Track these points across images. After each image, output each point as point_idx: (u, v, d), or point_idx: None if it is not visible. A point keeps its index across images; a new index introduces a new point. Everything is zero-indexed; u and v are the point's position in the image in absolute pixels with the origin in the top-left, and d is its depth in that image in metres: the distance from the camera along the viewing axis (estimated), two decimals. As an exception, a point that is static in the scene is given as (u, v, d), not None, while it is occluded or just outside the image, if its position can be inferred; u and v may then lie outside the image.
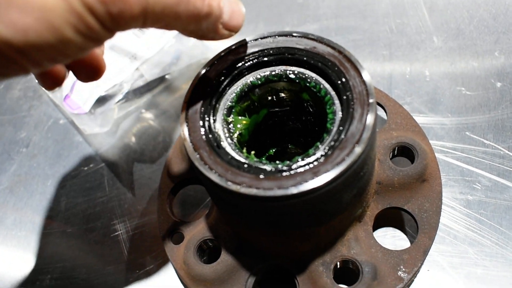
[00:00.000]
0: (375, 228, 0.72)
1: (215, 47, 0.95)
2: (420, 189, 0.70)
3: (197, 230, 0.70)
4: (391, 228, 0.75)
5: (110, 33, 0.44)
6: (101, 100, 0.87)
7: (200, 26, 0.50)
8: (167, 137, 0.88)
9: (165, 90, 0.92)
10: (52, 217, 0.83)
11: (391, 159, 0.72)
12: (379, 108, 0.79)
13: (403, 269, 0.65)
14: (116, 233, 0.80)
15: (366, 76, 0.57)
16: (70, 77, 0.87)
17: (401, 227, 0.74)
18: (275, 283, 0.71)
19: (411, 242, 0.72)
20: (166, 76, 0.91)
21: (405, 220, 0.74)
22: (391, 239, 0.74)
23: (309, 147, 0.71)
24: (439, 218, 0.69)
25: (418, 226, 0.68)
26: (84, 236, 0.80)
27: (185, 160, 0.77)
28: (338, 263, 0.66)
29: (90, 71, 0.59)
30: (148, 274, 0.76)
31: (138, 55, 0.90)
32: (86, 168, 0.87)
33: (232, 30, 0.54)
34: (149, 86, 0.90)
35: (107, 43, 0.91)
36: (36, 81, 0.58)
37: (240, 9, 0.54)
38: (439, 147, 0.79)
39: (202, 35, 0.52)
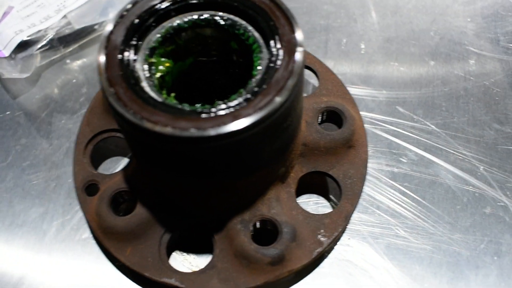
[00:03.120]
0: (299, 193, 0.70)
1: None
2: (346, 155, 0.69)
3: (113, 182, 0.67)
4: (315, 195, 0.73)
5: None
6: (23, 45, 0.82)
7: None
8: (91, 89, 0.84)
9: (93, 41, 0.88)
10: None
11: (319, 124, 0.70)
12: (312, 75, 0.77)
13: (323, 233, 0.64)
14: (30, 184, 0.75)
15: (296, 25, 0.55)
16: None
17: (325, 194, 0.73)
18: (193, 241, 0.69)
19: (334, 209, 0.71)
20: (95, 27, 0.86)
21: (330, 188, 0.73)
22: (314, 205, 0.73)
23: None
24: (363, 185, 0.68)
25: (342, 191, 0.67)
26: (-7, 186, 0.76)
27: (107, 110, 0.73)
28: (258, 223, 0.64)
29: None
30: (63, 226, 0.72)
31: (67, 3, 0.85)
32: (1, 115, 0.82)
33: None
34: (76, 36, 0.86)
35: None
36: None
37: None
38: (368, 118, 0.79)
39: None
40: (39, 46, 0.82)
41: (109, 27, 0.57)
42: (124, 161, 0.76)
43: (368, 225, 0.71)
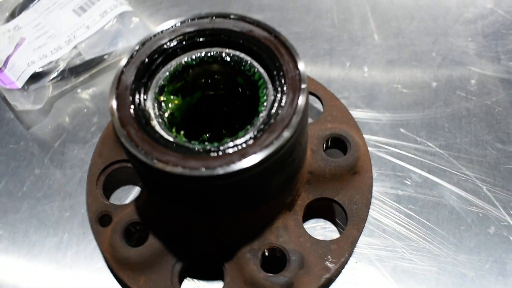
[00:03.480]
0: (305, 218, 0.72)
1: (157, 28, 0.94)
2: (351, 181, 0.70)
3: (126, 213, 0.69)
4: (321, 220, 0.75)
5: None
6: (35, 77, 0.84)
7: None
8: (102, 118, 0.86)
9: (103, 71, 0.90)
10: (-24, 195, 0.80)
11: (324, 150, 0.72)
12: (316, 100, 0.79)
13: (331, 259, 0.66)
14: (44, 214, 0.77)
15: (299, 62, 0.57)
16: (4, 51, 0.85)
17: (331, 219, 0.75)
18: (203, 270, 0.71)
19: (341, 234, 0.73)
20: (105, 57, 0.88)
21: (336, 212, 0.74)
22: (321, 230, 0.74)
23: (243, 133, 0.71)
24: (368, 210, 0.69)
25: (348, 217, 0.69)
26: (9, 216, 0.78)
27: (117, 141, 0.75)
28: (266, 251, 0.65)
29: None
30: (76, 256, 0.74)
31: (77, 33, 0.87)
32: (15, 146, 0.84)
33: None
34: (86, 66, 0.88)
35: (46, 20, 0.88)
36: None
37: None
38: (373, 141, 0.80)
39: None
40: (51, 77, 0.84)
41: (120, 68, 0.59)
42: (135, 190, 0.78)
43: (375, 248, 0.72)
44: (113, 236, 0.67)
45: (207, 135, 0.71)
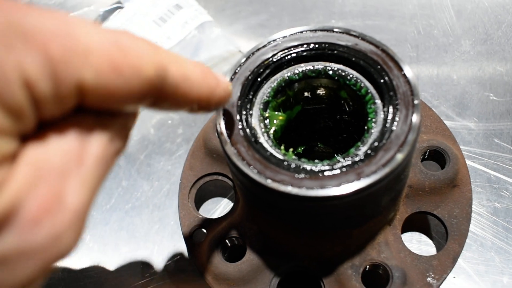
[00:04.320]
0: (402, 232, 0.70)
1: (238, 39, 0.93)
2: (450, 195, 0.68)
3: (221, 227, 0.68)
4: (416, 233, 0.73)
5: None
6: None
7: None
8: (187, 129, 0.85)
9: (187, 82, 0.90)
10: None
11: (421, 162, 0.70)
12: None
13: (432, 275, 0.64)
14: (133, 226, 0.77)
15: (410, 76, 0.56)
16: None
17: (427, 232, 0.73)
18: (298, 284, 0.70)
19: (437, 248, 0.71)
20: (188, 68, 0.88)
21: (431, 225, 0.73)
22: (417, 244, 0.72)
23: (339, 147, 0.70)
24: (469, 224, 0.67)
25: (448, 232, 0.67)
26: (100, 228, 0.78)
27: (208, 154, 0.74)
28: (367, 267, 0.64)
29: None
30: (166, 270, 0.74)
31: (159, 44, 0.87)
32: (102, 159, 0.85)
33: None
34: (169, 77, 0.88)
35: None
36: None
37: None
38: (466, 152, 0.78)
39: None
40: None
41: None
42: (223, 202, 0.78)
43: (473, 263, 0.70)
44: (210, 251, 0.66)
45: (302, 148, 0.70)
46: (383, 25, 0.93)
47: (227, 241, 0.68)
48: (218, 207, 0.78)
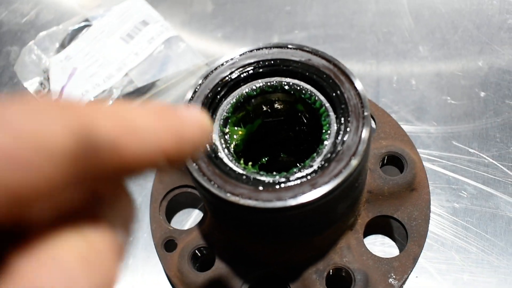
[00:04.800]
0: (365, 235, 0.73)
1: (205, 52, 0.96)
2: (409, 198, 0.71)
3: (191, 238, 0.71)
4: (380, 236, 0.76)
5: None
6: (91, 106, 0.86)
7: None
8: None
9: (155, 96, 0.92)
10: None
11: (380, 167, 0.73)
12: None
13: (394, 277, 0.67)
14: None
15: (360, 89, 0.58)
16: (58, 81, 0.88)
17: (390, 234, 0.76)
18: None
19: (400, 249, 0.74)
20: (156, 82, 0.91)
21: (394, 227, 0.76)
22: (380, 246, 0.75)
23: (301, 156, 0.73)
24: (428, 226, 0.70)
25: (408, 234, 0.70)
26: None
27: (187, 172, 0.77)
28: (331, 271, 0.67)
29: None
30: (142, 280, 0.76)
31: (127, 61, 0.90)
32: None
33: None
34: (139, 92, 0.90)
35: (95, 49, 0.91)
36: None
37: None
38: (425, 155, 0.81)
39: None
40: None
41: (185, 102, 0.61)
42: (194, 213, 0.80)
43: (434, 262, 0.73)
44: (181, 261, 0.69)
45: (265, 159, 0.72)
46: (344, 34, 0.96)
47: (197, 251, 0.70)
48: (190, 218, 0.80)
